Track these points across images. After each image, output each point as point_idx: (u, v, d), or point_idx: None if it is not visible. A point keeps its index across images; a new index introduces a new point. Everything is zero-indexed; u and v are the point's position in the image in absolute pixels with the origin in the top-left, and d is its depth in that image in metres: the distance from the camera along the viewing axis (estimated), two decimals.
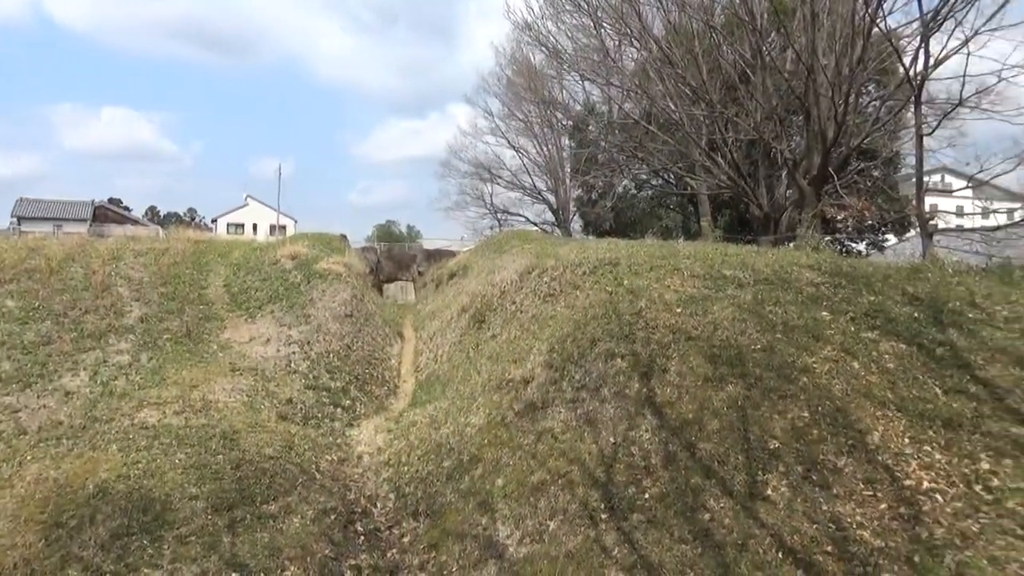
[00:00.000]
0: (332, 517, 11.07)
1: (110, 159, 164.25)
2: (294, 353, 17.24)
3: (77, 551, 9.39)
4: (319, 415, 14.96)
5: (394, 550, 10.74)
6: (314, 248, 23.02)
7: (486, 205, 48.39)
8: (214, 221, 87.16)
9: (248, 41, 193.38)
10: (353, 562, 10.28)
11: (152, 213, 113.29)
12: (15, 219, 57.87)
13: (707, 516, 8.39)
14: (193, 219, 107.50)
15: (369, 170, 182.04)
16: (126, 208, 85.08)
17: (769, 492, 8.39)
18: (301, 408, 14.88)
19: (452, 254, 36.74)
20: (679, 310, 12.41)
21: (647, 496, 9.08)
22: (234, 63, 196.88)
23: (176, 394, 14.19)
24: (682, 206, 39.66)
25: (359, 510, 11.68)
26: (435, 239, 54.83)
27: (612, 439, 10.31)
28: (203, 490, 10.88)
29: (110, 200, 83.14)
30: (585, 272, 16.07)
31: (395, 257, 39.87)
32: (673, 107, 25.76)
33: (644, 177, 39.11)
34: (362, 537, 11.00)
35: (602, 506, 9.29)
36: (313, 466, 12.50)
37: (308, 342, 17.71)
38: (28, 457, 12.06)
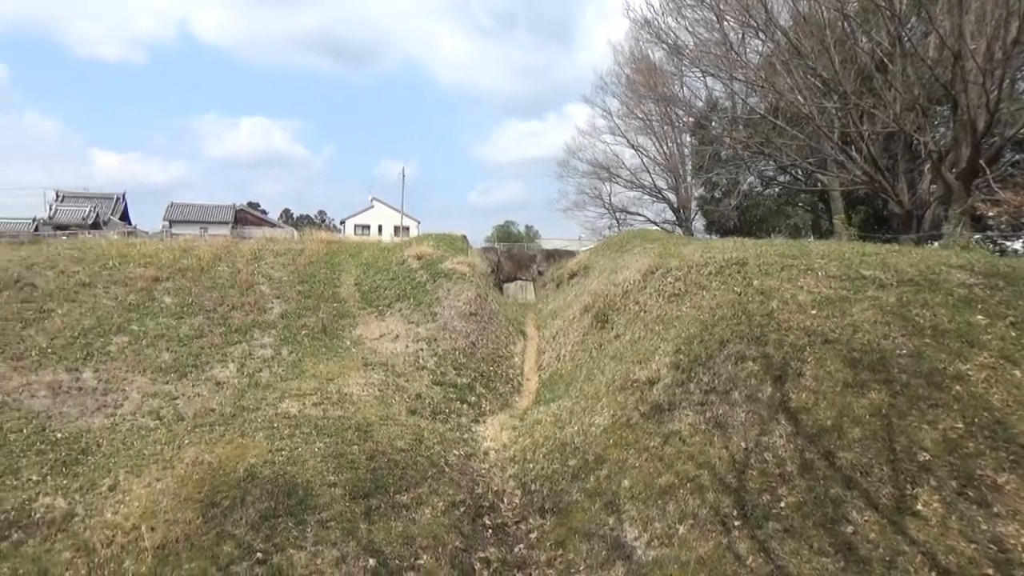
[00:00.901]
0: (461, 510, 11.38)
1: (248, 165, 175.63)
2: (422, 350, 17.81)
3: (231, 529, 10.12)
4: (446, 410, 15.39)
5: (521, 545, 10.91)
6: (439, 248, 23.68)
7: (605, 205, 47.99)
8: (342, 223, 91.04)
9: (373, 49, 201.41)
10: (482, 555, 10.52)
11: (286, 215, 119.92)
12: (167, 222, 62.79)
13: (850, 529, 8.03)
14: (323, 221, 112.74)
15: (488, 171, 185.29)
16: (263, 211, 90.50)
17: (919, 507, 7.92)
18: (429, 403, 15.36)
19: (571, 254, 36.77)
20: (814, 312, 11.91)
21: (783, 505, 8.78)
22: (360, 71, 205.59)
23: (314, 386, 14.99)
24: (812, 204, 37.88)
25: (487, 504, 11.93)
26: (553, 239, 55.03)
27: (744, 444, 10.04)
28: (341, 478, 11.45)
29: (249, 204, 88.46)
30: (711, 272, 15.70)
31: (515, 257, 40.33)
32: (802, 100, 24.62)
33: (771, 174, 37.65)
34: (490, 531, 11.23)
35: (734, 512, 9.07)
36: (442, 459, 12.89)
37: (435, 339, 18.25)
38: (186, 441, 13.10)
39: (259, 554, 9.59)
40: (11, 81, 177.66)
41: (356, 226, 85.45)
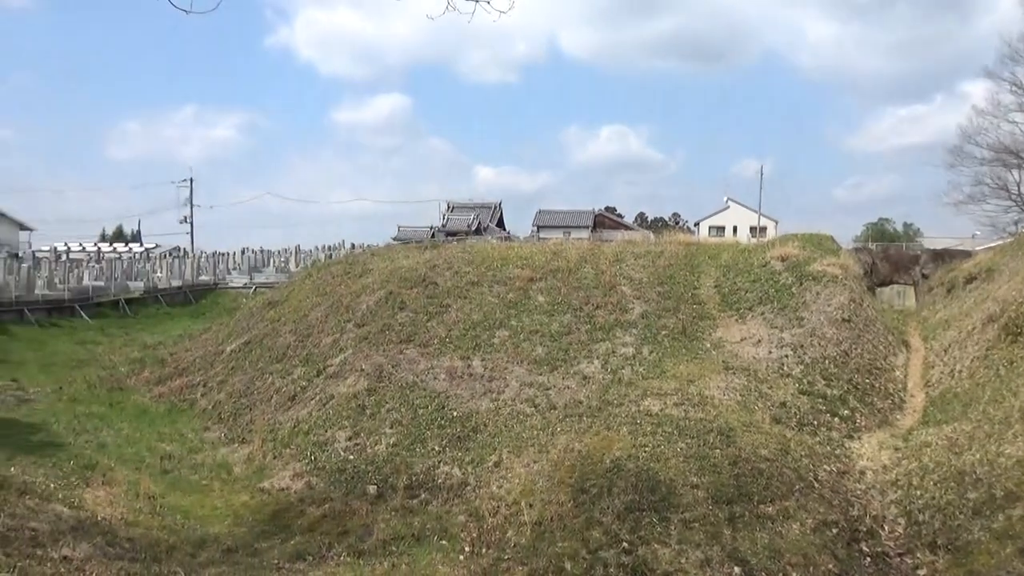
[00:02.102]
0: (834, 531, 10.47)
1: (605, 171, 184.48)
2: (786, 356, 16.85)
3: (598, 516, 10.62)
4: (814, 422, 14.33)
5: None
6: (805, 249, 22.20)
7: (1011, 196, 40.50)
8: (696, 224, 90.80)
9: (730, 45, 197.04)
10: None
11: (640, 219, 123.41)
12: (535, 227, 68.87)
13: None
14: (677, 223, 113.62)
15: (858, 164, 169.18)
16: (619, 215, 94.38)
17: None
18: (795, 413, 14.45)
19: (966, 254, 31.73)
20: None
21: None
22: (716, 69, 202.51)
23: (675, 387, 15.08)
24: None
25: (863, 529, 10.81)
26: (940, 238, 48.19)
27: None
28: (703, 480, 11.31)
29: (606, 208, 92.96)
30: None
31: (892, 258, 36.08)
32: None
33: None
34: (868, 559, 10.15)
35: None
36: (810, 474, 12.02)
37: (801, 346, 17.13)
38: (558, 429, 14.14)
39: (625, 544, 9.91)
40: (416, 110, 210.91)
41: (710, 227, 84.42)
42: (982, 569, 9.17)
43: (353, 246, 50.91)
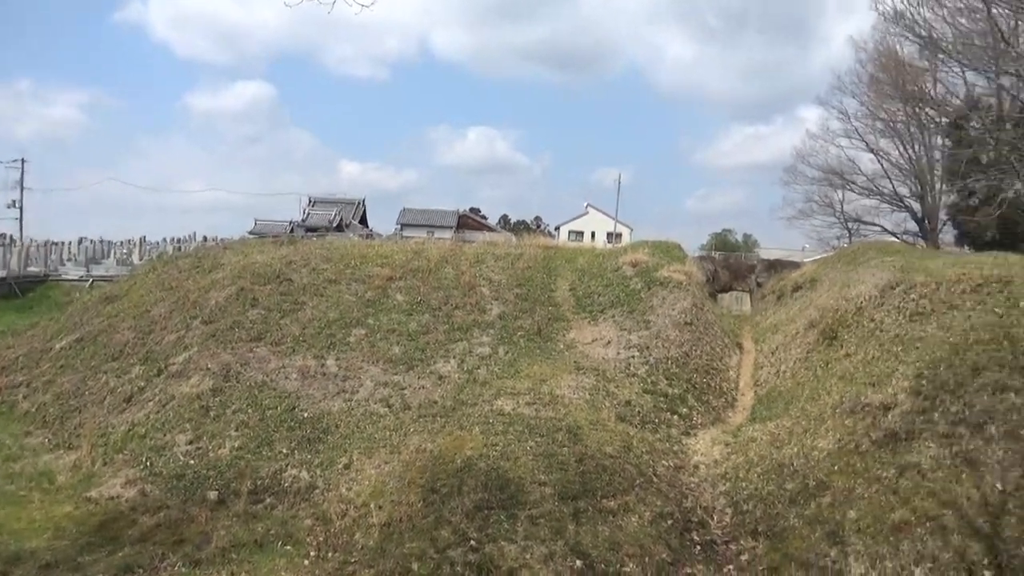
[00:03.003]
0: (669, 522, 11.12)
1: (471, 172, 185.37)
2: (633, 357, 17.69)
3: (448, 515, 10.71)
4: (656, 420, 15.15)
5: (731, 566, 10.42)
6: (654, 256, 23.38)
7: (835, 213, 44.47)
8: (557, 228, 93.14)
9: (597, 57, 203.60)
10: (689, 571, 10.20)
11: (504, 221, 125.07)
12: (399, 226, 68.12)
13: None
14: (539, 226, 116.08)
15: (707, 177, 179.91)
16: (483, 216, 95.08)
17: None
18: (639, 411, 15.20)
19: (795, 265, 34.58)
20: None
21: None
22: (582, 79, 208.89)
23: (528, 386, 15.46)
24: None
25: (695, 520, 11.56)
26: (773, 249, 52.08)
27: (1000, 486, 8.82)
28: (550, 478, 11.68)
29: (470, 209, 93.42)
30: (965, 290, 14.01)
31: (732, 267, 38.76)
32: None
33: None
34: (698, 547, 10.86)
35: (985, 561, 8.00)
36: (650, 469, 12.70)
37: (647, 347, 18.04)
38: (411, 429, 14.12)
39: (472, 542, 10.06)
40: (279, 100, 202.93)
41: (570, 232, 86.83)
42: (795, 552, 10.05)
43: (205, 239, 48.27)
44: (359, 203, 66.10)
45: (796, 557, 9.92)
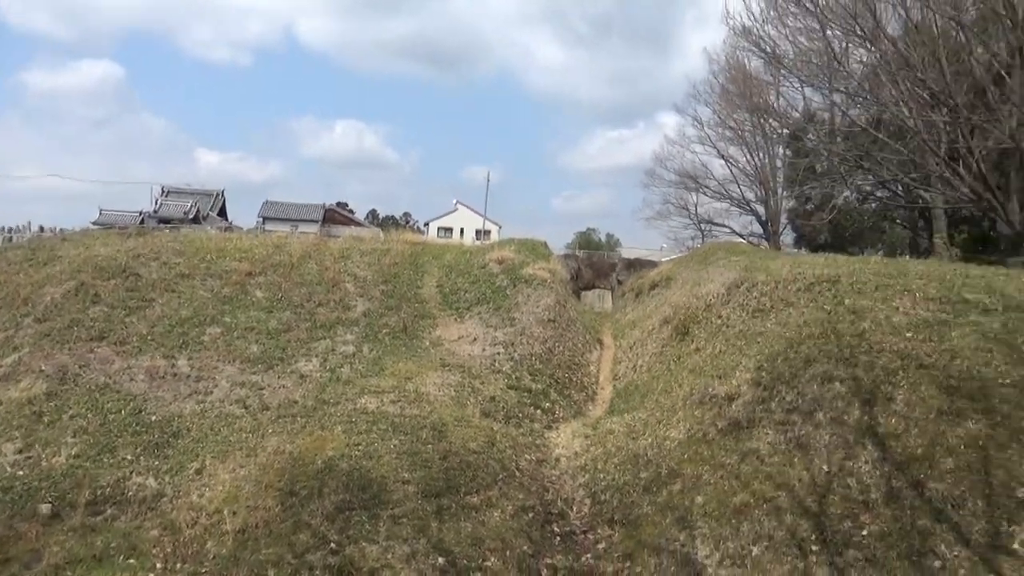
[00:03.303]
0: (530, 515, 11.38)
1: (339, 166, 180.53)
2: (499, 353, 17.92)
3: (307, 518, 10.44)
4: (520, 415, 15.42)
5: (589, 555, 10.81)
6: (520, 254, 23.76)
7: (690, 215, 47.07)
8: (426, 224, 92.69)
9: (468, 56, 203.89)
10: (549, 561, 10.48)
11: (372, 216, 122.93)
12: (261, 219, 65.37)
13: (937, 563, 7.60)
14: (408, 222, 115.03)
15: (574, 178, 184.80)
16: (351, 211, 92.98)
17: (1015, 546, 7.42)
18: (503, 407, 15.43)
19: (653, 264, 36.26)
20: (909, 335, 11.34)
21: (865, 533, 8.39)
22: (453, 77, 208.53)
23: (393, 384, 15.30)
24: (911, 221, 36.09)
25: (556, 511, 11.89)
26: (634, 248, 54.33)
27: (826, 468, 9.65)
28: (414, 476, 11.64)
29: (338, 203, 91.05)
30: (800, 288, 15.19)
31: (595, 265, 40.08)
32: (907, 113, 23.49)
33: (868, 188, 36.02)
34: (558, 538, 11.19)
35: (813, 537, 8.73)
36: (513, 464, 12.92)
37: (512, 344, 18.33)
38: (269, 430, 13.61)
39: (333, 544, 9.86)
40: (129, 82, 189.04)
41: (439, 228, 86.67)
42: (648, 538, 10.56)
43: (42, 229, 44.20)
44: (218, 194, 62.82)
45: (649, 543, 10.43)
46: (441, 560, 9.85)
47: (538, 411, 15.83)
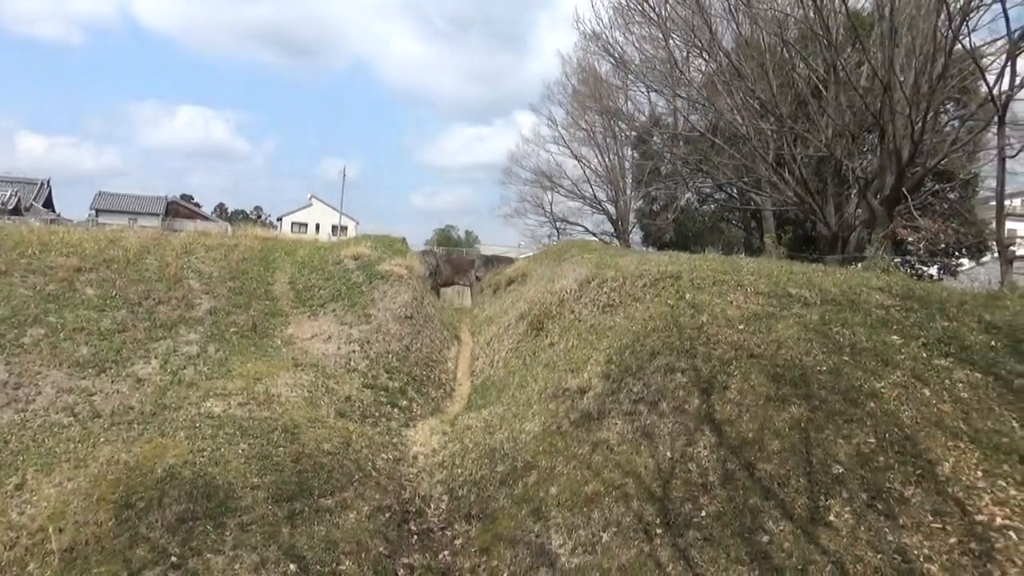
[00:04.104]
0: (387, 515, 11.25)
1: (185, 156, 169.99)
2: (354, 352, 17.58)
3: (145, 532, 9.76)
4: (376, 414, 15.22)
5: (446, 552, 10.85)
6: (377, 250, 23.43)
7: (546, 213, 48.40)
8: (279, 219, 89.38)
9: (324, 46, 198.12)
10: (406, 561, 10.42)
11: (220, 210, 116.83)
12: (94, 211, 60.41)
13: (765, 538, 8.24)
14: (259, 217, 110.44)
15: (434, 175, 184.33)
16: (196, 204, 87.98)
17: (831, 518, 8.19)
18: (359, 406, 15.16)
19: (510, 261, 36.90)
20: (742, 327, 12.23)
21: (704, 514, 8.97)
22: (308, 67, 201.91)
23: (241, 386, 14.62)
24: (745, 221, 39.02)
25: (413, 510, 11.83)
26: (493, 245, 55.17)
27: (669, 454, 10.22)
28: (264, 481, 11.18)
29: (182, 196, 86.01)
30: (646, 284, 15.97)
31: (454, 262, 40.22)
32: (740, 121, 25.38)
33: (707, 191, 38.63)
34: (415, 536, 11.14)
35: (657, 521, 9.21)
36: (369, 464, 12.73)
37: (368, 341, 18.04)
38: (101, 439, 12.59)
39: (174, 558, 9.28)
40: None
41: (293, 224, 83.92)
42: (504, 531, 10.74)
43: None
44: (43, 183, 57.46)
45: (505, 536, 10.61)
46: (293, 567, 9.53)
47: (395, 409, 15.69)
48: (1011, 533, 7.43)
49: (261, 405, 13.81)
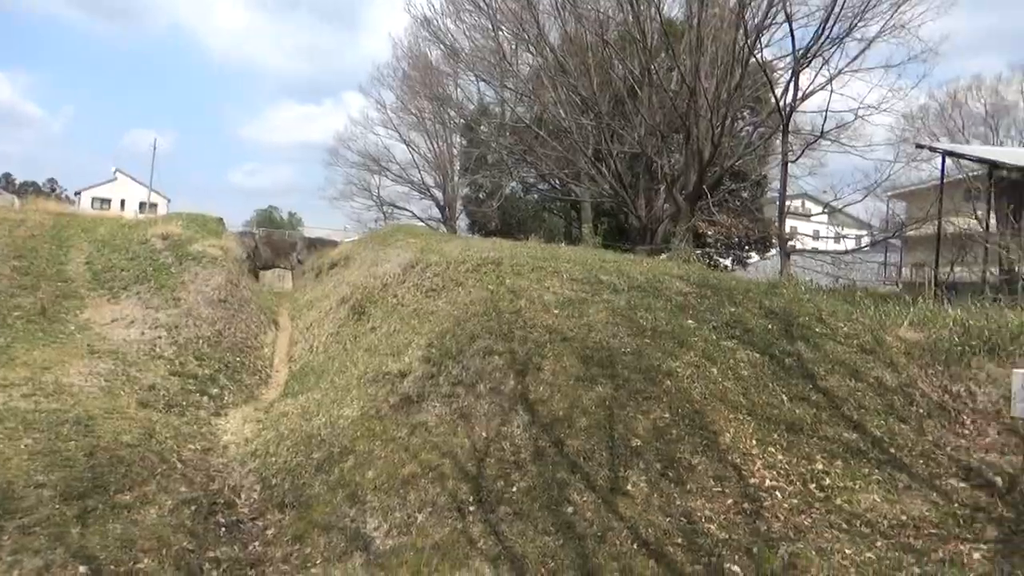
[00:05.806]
0: (192, 508, 10.66)
1: None
2: (160, 337, 16.45)
3: None
4: (183, 403, 14.36)
5: (257, 542, 10.48)
6: (189, 229, 22.01)
7: (372, 197, 47.81)
8: (77, 194, 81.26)
9: (136, 6, 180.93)
10: (212, 554, 9.94)
11: (6, 181, 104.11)
12: None
13: (570, 509, 8.75)
14: (54, 190, 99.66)
15: (256, 152, 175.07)
16: None
17: (629, 487, 8.84)
18: (165, 395, 14.23)
19: (334, 244, 36.00)
20: (556, 311, 12.81)
21: (515, 490, 9.35)
22: (117, 28, 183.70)
23: (25, 376, 13.25)
24: (565, 211, 40.70)
25: (222, 501, 11.30)
26: (317, 228, 53.55)
27: (485, 434, 10.53)
28: (51, 478, 10.22)
29: None
30: (468, 269, 16.26)
31: (274, 243, 38.55)
32: (563, 115, 26.44)
33: (531, 180, 39.86)
34: (223, 529, 10.65)
35: (471, 499, 9.47)
36: (174, 455, 11.99)
37: (176, 326, 16.94)
38: None
39: None
40: None
41: (95, 199, 76.79)
42: (319, 518, 10.55)
43: None
44: None
45: (320, 522, 10.43)
46: (83, 569, 8.80)
47: (205, 398, 14.88)
48: (776, 493, 8.44)
49: (49, 396, 12.59)
